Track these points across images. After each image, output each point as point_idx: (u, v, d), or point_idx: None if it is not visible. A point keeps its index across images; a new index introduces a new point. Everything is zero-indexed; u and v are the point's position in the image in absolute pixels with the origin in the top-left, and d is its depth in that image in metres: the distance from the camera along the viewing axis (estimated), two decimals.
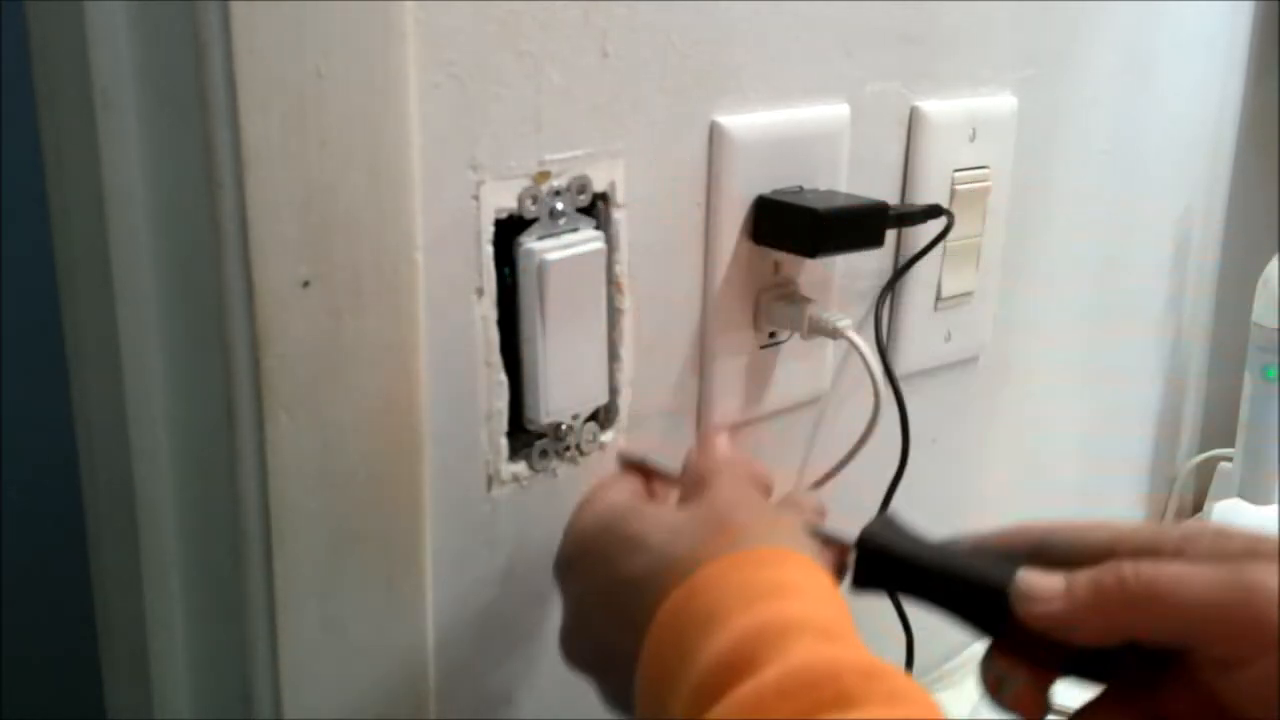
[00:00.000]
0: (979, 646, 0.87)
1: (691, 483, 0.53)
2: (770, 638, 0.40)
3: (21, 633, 1.29)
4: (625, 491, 0.55)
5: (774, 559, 0.45)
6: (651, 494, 0.57)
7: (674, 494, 0.55)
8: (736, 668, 0.39)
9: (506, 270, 0.56)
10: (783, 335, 0.70)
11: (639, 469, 0.58)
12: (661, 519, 0.50)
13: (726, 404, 0.68)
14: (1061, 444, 1.00)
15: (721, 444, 0.55)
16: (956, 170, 0.77)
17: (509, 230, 0.56)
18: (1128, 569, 0.43)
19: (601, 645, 0.49)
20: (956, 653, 0.92)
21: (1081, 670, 0.47)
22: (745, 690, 0.38)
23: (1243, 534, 0.45)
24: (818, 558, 0.47)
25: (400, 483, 0.54)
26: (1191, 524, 0.45)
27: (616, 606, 0.47)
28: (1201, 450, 1.19)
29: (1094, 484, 1.06)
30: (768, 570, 0.44)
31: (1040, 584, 0.45)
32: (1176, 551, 0.44)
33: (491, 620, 0.61)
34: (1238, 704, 0.42)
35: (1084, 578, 0.44)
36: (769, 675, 0.39)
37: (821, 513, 0.54)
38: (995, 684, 0.44)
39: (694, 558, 0.45)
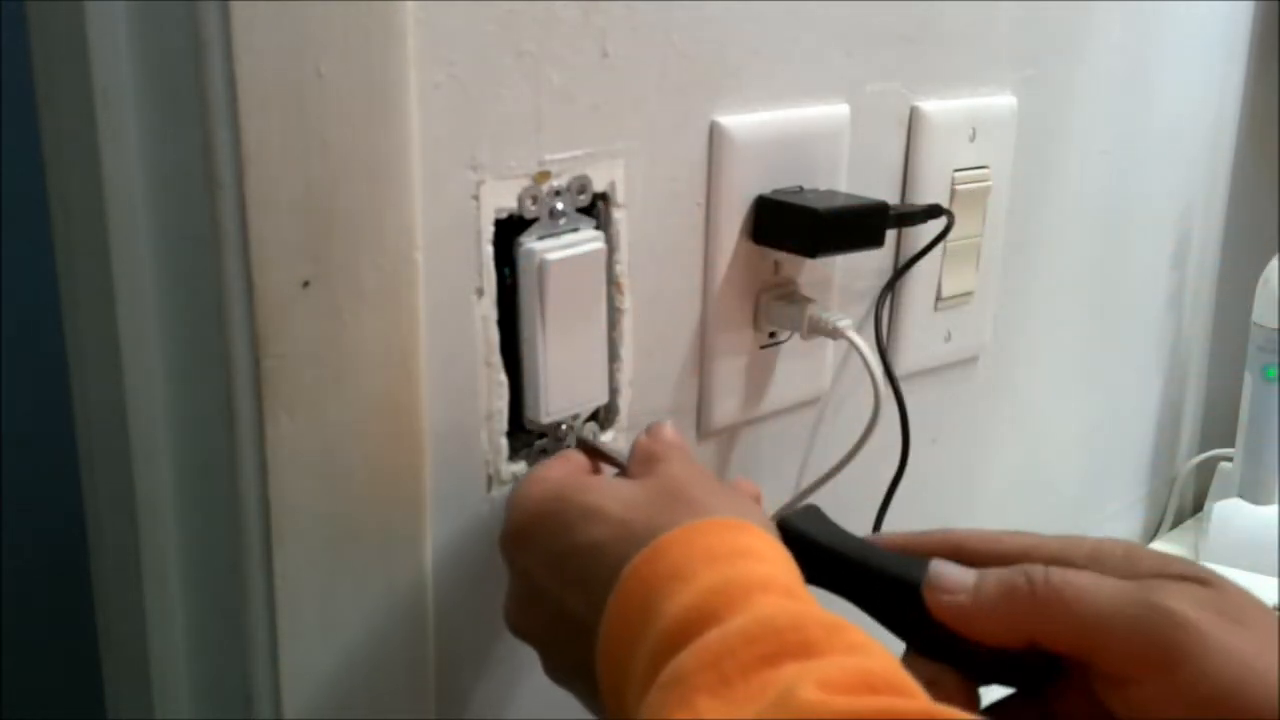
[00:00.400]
0: None
1: (642, 460, 0.54)
2: (736, 593, 0.41)
3: (21, 633, 1.29)
4: (572, 467, 0.56)
5: (736, 527, 0.45)
6: (596, 473, 0.57)
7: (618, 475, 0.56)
8: (703, 619, 0.40)
9: (506, 270, 0.56)
10: (783, 335, 0.70)
11: (587, 451, 0.59)
12: (618, 490, 0.50)
13: (726, 404, 0.68)
14: (1061, 444, 1.00)
15: (668, 430, 0.56)
16: (956, 170, 0.77)
17: (509, 230, 0.56)
18: (1038, 572, 0.44)
19: (556, 614, 0.49)
20: None
21: (986, 674, 0.47)
22: (712, 636, 0.39)
23: (1154, 554, 0.46)
24: (769, 532, 0.48)
25: (400, 483, 0.54)
26: (1106, 539, 0.46)
27: (573, 573, 0.47)
28: (1201, 450, 1.19)
29: (1094, 484, 1.06)
30: (731, 535, 0.45)
31: (951, 575, 0.46)
32: (1087, 563, 0.45)
33: (492, 620, 0.61)
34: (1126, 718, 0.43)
35: (994, 575, 0.45)
36: (735, 624, 0.39)
37: (758, 499, 0.55)
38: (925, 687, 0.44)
39: (653, 525, 0.45)
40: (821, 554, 0.50)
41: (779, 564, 0.44)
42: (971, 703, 0.47)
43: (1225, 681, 0.40)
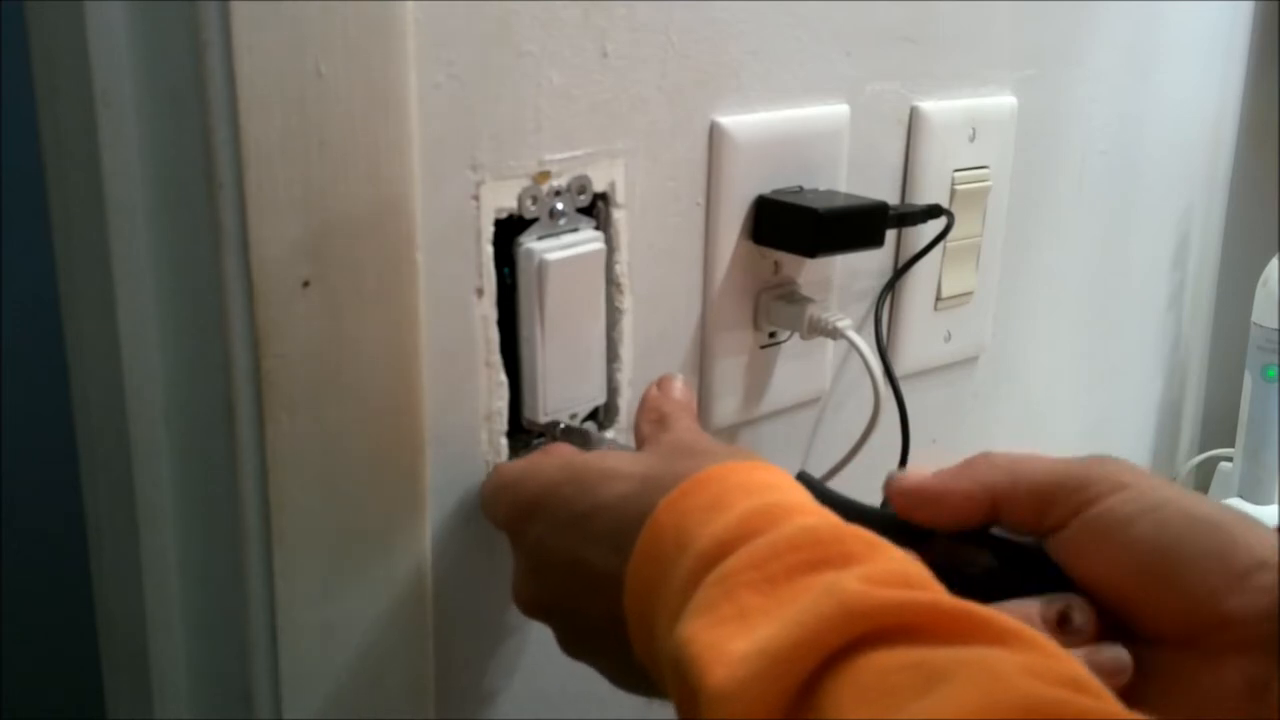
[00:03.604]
0: None
1: (651, 420, 0.54)
2: (777, 513, 0.41)
3: (21, 633, 1.29)
4: (568, 448, 0.56)
5: (765, 468, 0.46)
6: None
7: None
8: (745, 535, 0.40)
9: (506, 270, 0.56)
10: (783, 335, 0.70)
11: (571, 439, 0.58)
12: (633, 456, 0.50)
13: (726, 404, 0.68)
14: (1061, 444, 1.00)
15: (678, 386, 0.56)
16: (956, 170, 0.77)
17: (509, 230, 0.56)
18: (995, 453, 0.48)
19: (574, 575, 0.48)
20: None
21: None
22: (757, 543, 0.39)
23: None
24: None
25: (400, 483, 0.54)
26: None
27: (598, 528, 0.47)
28: (1201, 450, 1.19)
29: None
30: (762, 473, 0.45)
31: (912, 469, 0.48)
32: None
33: (492, 621, 0.61)
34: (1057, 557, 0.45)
35: (953, 465, 0.47)
36: (780, 532, 0.40)
37: None
38: (1060, 618, 0.44)
39: (678, 472, 0.45)
40: (831, 502, 0.51)
41: (809, 500, 0.45)
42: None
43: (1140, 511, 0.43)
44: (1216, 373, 1.18)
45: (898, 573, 0.38)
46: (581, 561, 0.47)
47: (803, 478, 0.51)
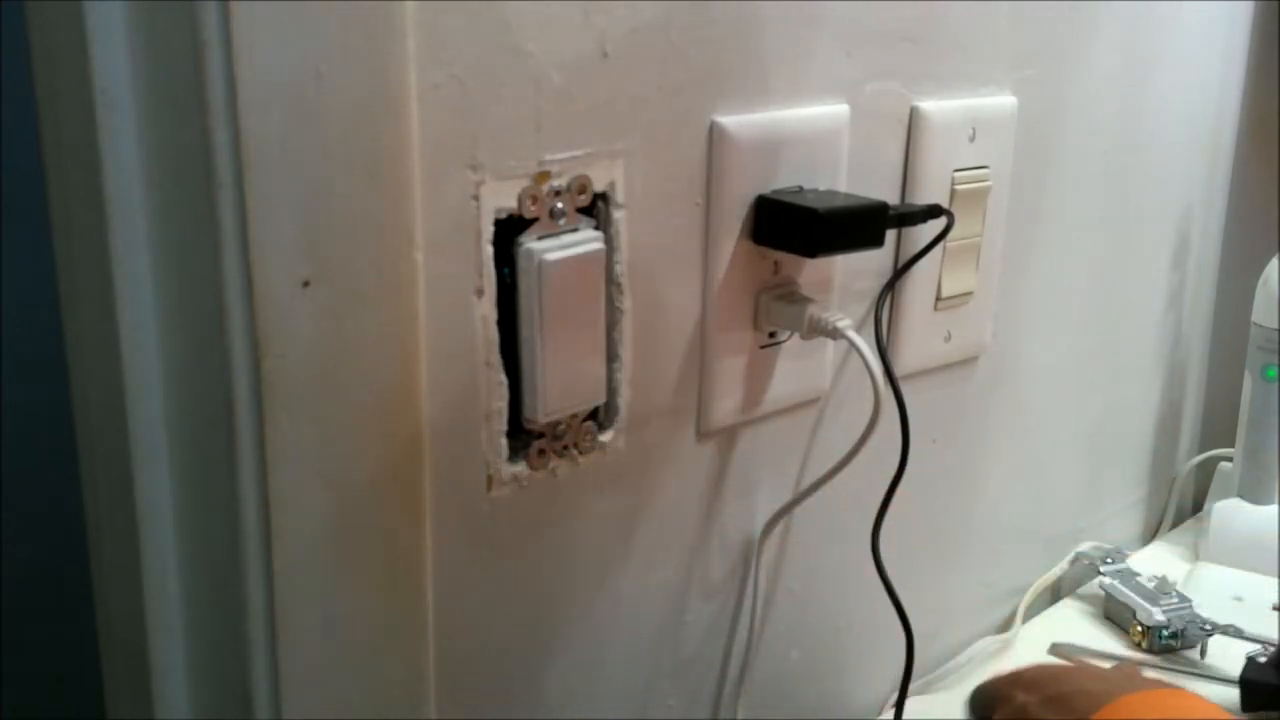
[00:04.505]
0: (978, 646, 0.89)
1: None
2: None
3: (21, 632, 1.29)
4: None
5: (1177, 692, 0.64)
6: None
7: None
8: None
9: (506, 270, 0.56)
10: (783, 335, 0.70)
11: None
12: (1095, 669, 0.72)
13: (726, 404, 0.68)
14: (1061, 444, 1.00)
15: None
16: (956, 170, 0.77)
17: (509, 230, 0.56)
18: None
19: None
20: (955, 653, 0.92)
21: None
22: None
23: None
24: None
25: (400, 483, 0.54)
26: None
27: (1076, 706, 0.62)
28: (1201, 450, 1.19)
29: (1094, 484, 1.06)
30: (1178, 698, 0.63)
31: None
32: None
33: (492, 620, 0.61)
34: None
35: None
36: None
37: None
38: None
39: (1136, 687, 0.64)
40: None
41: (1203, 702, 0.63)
42: None
43: None
44: (1216, 373, 1.18)
45: None
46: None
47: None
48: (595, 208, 0.59)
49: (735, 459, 0.71)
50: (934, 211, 0.72)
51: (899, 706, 0.77)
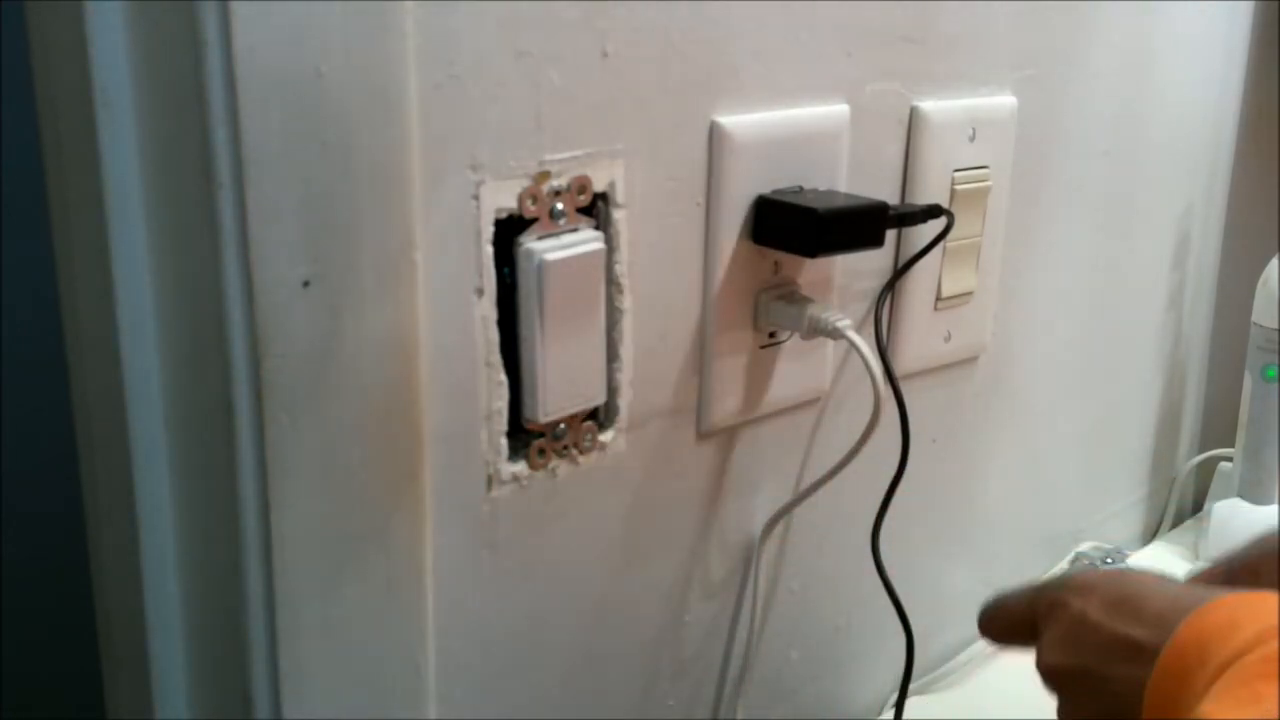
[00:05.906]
0: (978, 646, 0.88)
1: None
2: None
3: (21, 632, 1.29)
4: None
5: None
6: None
7: None
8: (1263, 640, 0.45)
9: (506, 270, 0.56)
10: (783, 335, 0.70)
11: None
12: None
13: (726, 404, 0.68)
14: (1061, 444, 1.00)
15: None
16: (956, 170, 0.77)
17: (509, 230, 0.56)
18: None
19: (1110, 644, 0.53)
20: (956, 653, 0.92)
21: None
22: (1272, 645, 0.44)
23: None
24: None
25: (400, 483, 0.54)
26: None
27: (1147, 611, 0.52)
28: (1201, 450, 1.19)
29: (1094, 484, 1.06)
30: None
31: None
32: None
33: (492, 620, 0.61)
34: None
35: None
36: None
37: None
38: None
39: (1218, 593, 0.51)
40: None
41: None
42: None
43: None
44: (1216, 373, 1.18)
45: None
46: (1122, 635, 0.53)
47: None
48: (595, 208, 0.59)
49: (735, 459, 0.71)
50: (934, 211, 0.72)
51: (899, 706, 0.77)
